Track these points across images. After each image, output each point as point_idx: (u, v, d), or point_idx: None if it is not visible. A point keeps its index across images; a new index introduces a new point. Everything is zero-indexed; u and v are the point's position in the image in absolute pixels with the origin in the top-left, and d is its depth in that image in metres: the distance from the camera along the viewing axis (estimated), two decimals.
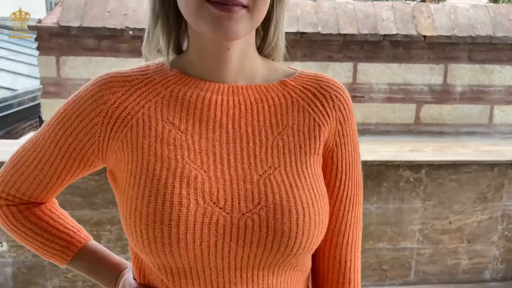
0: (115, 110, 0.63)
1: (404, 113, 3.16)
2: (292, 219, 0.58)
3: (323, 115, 0.65)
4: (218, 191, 0.58)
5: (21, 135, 5.49)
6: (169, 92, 0.64)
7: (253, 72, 0.66)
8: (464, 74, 3.15)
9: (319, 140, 0.64)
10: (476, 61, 3.13)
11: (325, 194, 0.63)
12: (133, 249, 0.67)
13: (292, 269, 0.62)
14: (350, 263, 0.67)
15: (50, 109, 3.06)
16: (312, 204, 0.60)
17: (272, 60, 0.69)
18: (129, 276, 0.70)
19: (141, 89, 0.64)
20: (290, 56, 0.74)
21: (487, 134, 3.28)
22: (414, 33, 3.02)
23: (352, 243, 0.68)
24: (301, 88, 0.66)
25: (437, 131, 3.22)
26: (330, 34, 2.96)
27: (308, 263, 0.66)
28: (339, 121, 0.66)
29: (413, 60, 3.09)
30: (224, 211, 0.57)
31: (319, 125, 0.65)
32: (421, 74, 3.11)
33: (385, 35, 3.01)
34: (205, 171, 0.59)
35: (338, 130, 0.66)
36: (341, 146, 0.66)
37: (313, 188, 0.61)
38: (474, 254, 2.75)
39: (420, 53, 3.09)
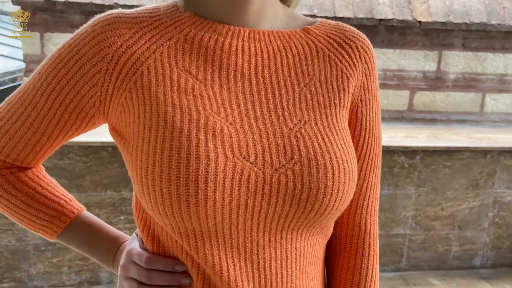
0: (122, 55, 0.55)
1: (397, 99, 3.14)
2: (328, 175, 0.53)
3: (350, 66, 0.61)
4: (247, 145, 0.52)
5: None
6: (183, 36, 0.57)
7: (275, 16, 0.60)
8: (457, 61, 3.14)
9: (348, 92, 0.60)
10: (470, 49, 3.12)
11: (354, 150, 0.59)
12: (144, 215, 0.60)
13: (319, 232, 0.58)
14: (370, 227, 0.64)
15: None
16: (346, 160, 0.55)
17: (288, 6, 0.64)
18: (134, 246, 0.61)
19: (151, 32, 0.57)
20: None
21: (478, 122, 3.28)
22: (410, 18, 2.98)
23: (371, 206, 0.64)
24: (325, 37, 0.62)
25: (430, 118, 3.21)
26: (326, 17, 2.90)
27: (332, 226, 0.62)
28: (365, 73, 0.62)
29: (408, 46, 3.06)
30: (255, 167, 0.52)
31: (347, 76, 0.60)
32: (416, 60, 3.08)
33: (380, 20, 2.96)
34: (230, 124, 0.53)
35: (364, 84, 0.62)
36: (365, 101, 0.62)
37: (345, 143, 0.57)
38: (465, 241, 2.76)
39: (415, 39, 3.06)
